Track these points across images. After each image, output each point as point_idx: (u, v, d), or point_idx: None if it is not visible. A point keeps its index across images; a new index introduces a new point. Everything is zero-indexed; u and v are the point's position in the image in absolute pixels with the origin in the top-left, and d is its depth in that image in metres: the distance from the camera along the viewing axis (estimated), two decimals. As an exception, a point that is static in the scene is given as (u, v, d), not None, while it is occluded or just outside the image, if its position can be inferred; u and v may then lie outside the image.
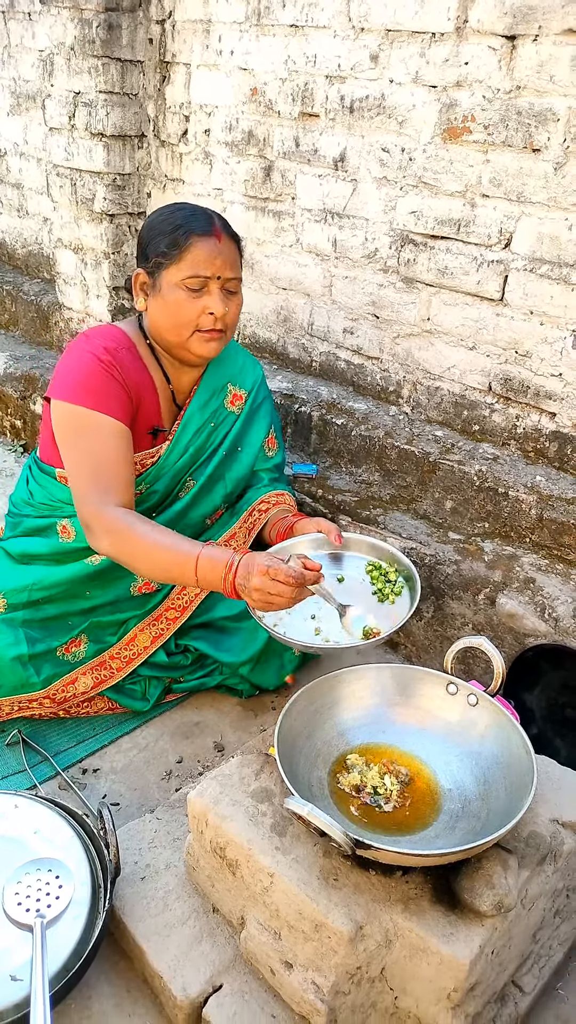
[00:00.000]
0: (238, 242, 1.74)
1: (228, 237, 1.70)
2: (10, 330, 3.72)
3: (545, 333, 2.02)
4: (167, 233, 1.65)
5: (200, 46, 2.62)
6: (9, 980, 1.16)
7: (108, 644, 1.86)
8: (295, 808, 1.10)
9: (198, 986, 1.22)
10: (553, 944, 1.35)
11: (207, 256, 1.64)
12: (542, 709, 1.81)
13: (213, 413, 1.91)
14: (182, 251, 1.64)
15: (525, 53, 1.86)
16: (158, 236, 1.67)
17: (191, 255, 1.64)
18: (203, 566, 1.47)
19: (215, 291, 1.67)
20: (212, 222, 1.68)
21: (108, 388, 1.66)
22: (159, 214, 1.72)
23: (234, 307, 1.72)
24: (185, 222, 1.65)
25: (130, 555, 1.56)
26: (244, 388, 1.97)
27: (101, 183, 2.86)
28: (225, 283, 1.68)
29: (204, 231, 1.65)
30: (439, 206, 2.13)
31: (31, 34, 3.29)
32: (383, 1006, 1.18)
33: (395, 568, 1.72)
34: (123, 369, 1.70)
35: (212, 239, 1.65)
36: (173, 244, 1.64)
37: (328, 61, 2.27)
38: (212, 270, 1.65)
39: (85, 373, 1.66)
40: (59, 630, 1.81)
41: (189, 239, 1.64)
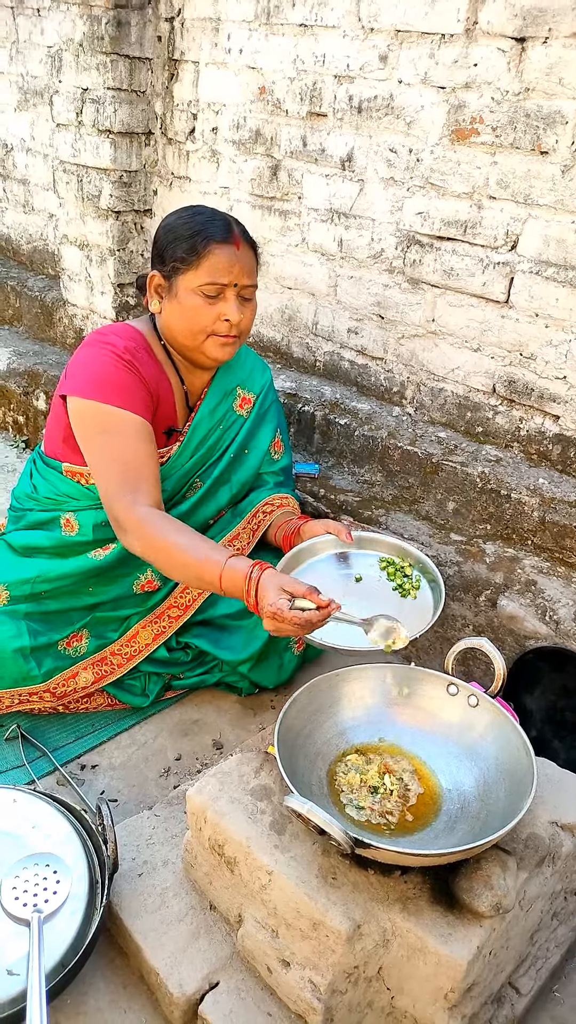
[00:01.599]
0: (255, 248, 1.74)
1: (246, 244, 1.70)
2: (14, 326, 3.71)
3: (550, 336, 2.01)
4: (186, 238, 1.64)
5: (209, 44, 2.62)
6: (5, 975, 1.16)
7: (109, 640, 1.86)
8: (295, 806, 1.10)
9: (194, 983, 1.22)
10: (550, 946, 1.35)
11: (226, 264, 1.64)
12: (542, 711, 1.81)
13: (223, 416, 1.91)
14: (200, 257, 1.63)
15: (535, 55, 1.86)
16: (176, 240, 1.66)
17: (209, 262, 1.63)
18: (227, 578, 1.44)
19: (231, 298, 1.67)
20: (231, 229, 1.67)
21: (131, 385, 1.66)
22: (177, 217, 1.70)
23: (249, 313, 1.72)
24: (204, 228, 1.64)
25: (159, 559, 1.55)
26: (253, 392, 1.97)
27: (107, 180, 2.86)
28: (242, 290, 1.68)
29: (223, 238, 1.64)
30: (446, 207, 2.13)
31: (40, 30, 3.29)
32: (380, 1006, 1.18)
33: (408, 562, 1.72)
34: (144, 366, 1.70)
35: (231, 246, 1.65)
36: (192, 250, 1.63)
37: (337, 61, 2.27)
38: (230, 278, 1.65)
39: (108, 370, 1.65)
40: (61, 624, 1.81)
41: (208, 246, 1.63)
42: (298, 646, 1.96)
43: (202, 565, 1.46)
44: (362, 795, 1.27)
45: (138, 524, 1.54)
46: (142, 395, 1.67)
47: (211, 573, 1.45)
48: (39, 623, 1.78)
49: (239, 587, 1.42)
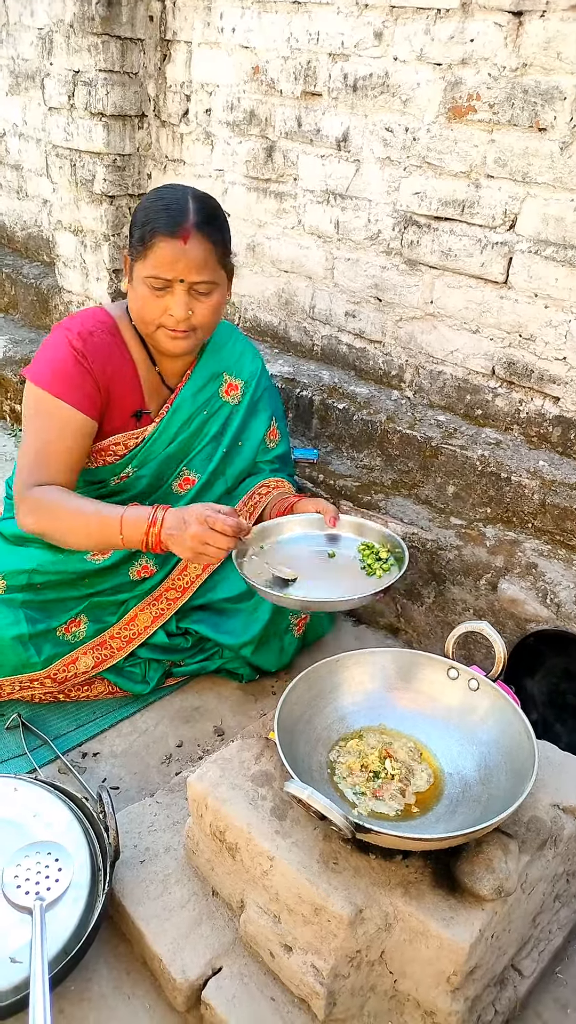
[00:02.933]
0: (216, 241, 1.62)
1: (201, 237, 1.59)
2: (9, 313, 3.69)
3: (549, 316, 1.99)
4: (139, 225, 1.61)
5: (201, 24, 2.58)
6: (8, 962, 1.16)
7: (108, 624, 1.86)
8: (295, 792, 1.09)
9: (197, 969, 1.22)
10: (553, 928, 1.35)
11: (169, 258, 1.58)
12: (543, 695, 1.81)
13: (206, 401, 1.88)
14: (147, 248, 1.59)
15: (532, 30, 1.83)
16: (133, 226, 1.64)
17: (154, 254, 1.58)
18: (128, 524, 1.53)
19: (178, 293, 1.61)
20: (183, 221, 1.57)
21: (75, 376, 1.66)
22: (147, 199, 1.66)
23: (204, 309, 1.65)
24: (155, 217, 1.58)
25: (55, 528, 1.60)
26: (241, 378, 1.93)
27: (101, 164, 2.83)
28: (193, 285, 1.61)
29: (170, 231, 1.57)
30: (443, 187, 2.10)
31: (30, 12, 3.24)
32: (382, 989, 1.18)
33: (388, 548, 1.71)
34: (97, 354, 1.69)
35: (176, 241, 1.57)
36: (140, 239, 1.60)
37: (331, 38, 2.23)
38: (173, 273, 1.59)
39: (57, 359, 1.67)
40: (58, 611, 1.81)
41: (154, 238, 1.57)
42: (298, 628, 1.96)
43: (99, 519, 1.54)
44: (363, 780, 1.27)
45: (30, 499, 1.59)
46: (85, 388, 1.67)
47: (110, 523, 1.54)
48: (36, 611, 1.78)
49: (140, 527, 1.52)
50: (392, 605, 2.18)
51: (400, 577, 1.61)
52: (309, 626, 2.00)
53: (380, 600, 1.56)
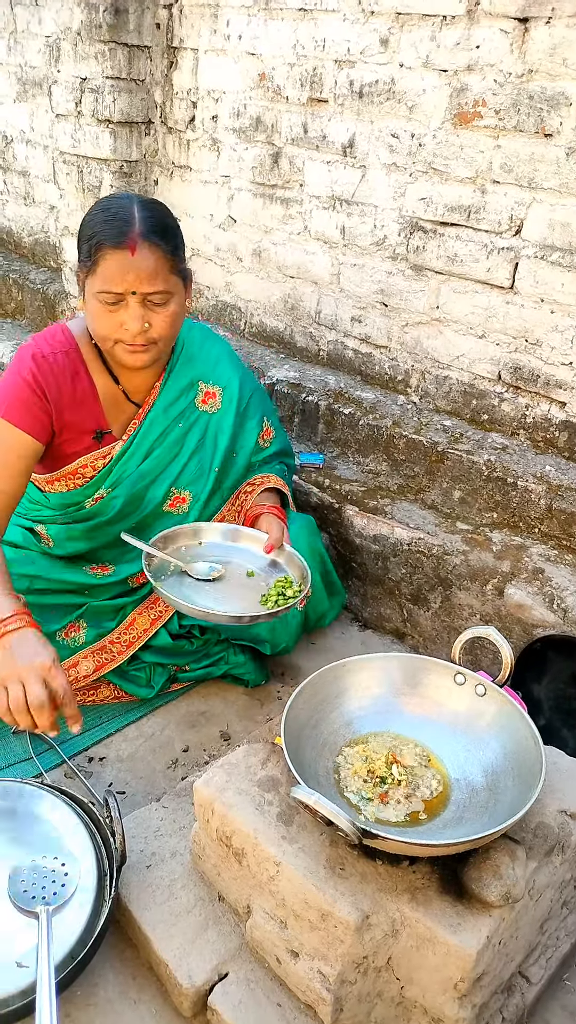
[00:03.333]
0: (169, 248, 1.57)
1: (150, 246, 1.53)
2: (16, 319, 3.71)
3: (556, 321, 1.99)
4: (85, 239, 1.56)
5: (208, 31, 2.59)
6: (15, 967, 1.16)
7: (107, 629, 1.86)
8: (302, 797, 1.09)
9: (204, 974, 1.22)
10: (560, 935, 1.35)
11: (118, 271, 1.52)
12: (550, 700, 1.81)
13: (180, 413, 1.83)
14: (95, 263, 1.54)
15: (538, 36, 1.84)
16: (79, 240, 1.59)
17: (102, 268, 1.53)
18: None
19: (132, 305, 1.55)
20: (128, 231, 1.52)
21: (26, 400, 1.64)
22: (91, 210, 1.60)
23: (161, 320, 1.59)
24: (100, 230, 1.53)
25: None
26: (218, 384, 1.87)
27: (108, 170, 2.84)
28: (145, 297, 1.56)
29: (115, 243, 1.51)
30: (449, 192, 2.11)
31: (37, 19, 3.26)
32: (389, 996, 1.18)
33: (299, 589, 1.72)
34: (51, 377, 1.66)
35: (124, 252, 1.51)
36: (88, 253, 1.55)
37: (337, 45, 2.24)
38: (123, 286, 1.53)
39: (10, 380, 1.65)
40: (57, 615, 1.81)
41: (101, 251, 1.52)
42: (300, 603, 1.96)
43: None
44: (369, 785, 1.27)
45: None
46: (34, 411, 1.64)
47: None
48: (36, 615, 1.77)
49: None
50: (398, 610, 2.18)
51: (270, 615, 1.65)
52: (310, 602, 1.99)
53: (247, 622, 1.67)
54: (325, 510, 2.26)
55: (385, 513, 2.17)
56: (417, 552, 2.06)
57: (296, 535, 1.96)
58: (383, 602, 2.22)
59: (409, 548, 2.08)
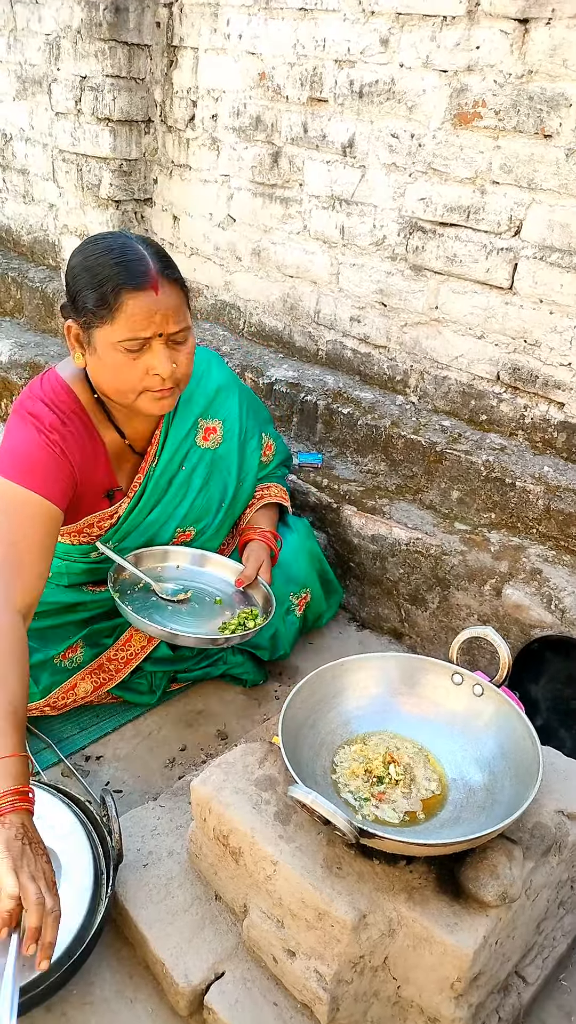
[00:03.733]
0: (182, 285, 1.50)
1: (169, 283, 1.45)
2: (15, 317, 3.70)
3: (555, 322, 2.00)
4: (94, 287, 1.42)
5: (208, 30, 2.59)
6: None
7: (105, 647, 1.84)
8: (299, 796, 1.09)
9: (200, 973, 1.21)
10: (557, 935, 1.35)
11: (144, 315, 1.41)
12: (548, 700, 1.81)
13: (183, 458, 1.78)
14: (114, 311, 1.41)
15: (538, 37, 1.84)
16: (85, 289, 1.43)
17: (125, 315, 1.41)
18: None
19: (159, 349, 1.46)
20: (148, 270, 1.42)
21: (50, 466, 1.52)
22: (85, 257, 1.46)
23: (183, 358, 1.51)
24: (115, 274, 1.40)
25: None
26: (218, 417, 1.81)
27: (107, 169, 2.84)
28: (170, 337, 1.47)
29: (138, 284, 1.40)
30: (448, 193, 2.11)
31: (37, 17, 3.26)
32: (386, 995, 1.18)
33: (258, 622, 1.76)
34: (70, 443, 1.56)
35: (148, 293, 1.41)
36: (102, 302, 1.41)
37: (337, 45, 2.24)
38: (152, 329, 1.43)
39: (27, 449, 1.51)
40: (56, 639, 1.79)
41: (120, 296, 1.40)
42: (299, 608, 1.96)
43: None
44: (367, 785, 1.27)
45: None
46: (61, 477, 1.53)
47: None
48: (35, 640, 1.74)
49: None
50: (396, 610, 2.18)
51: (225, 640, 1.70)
52: (309, 606, 2.01)
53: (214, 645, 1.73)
54: (323, 510, 2.26)
55: (383, 513, 2.17)
56: (415, 552, 2.07)
57: (296, 545, 1.97)
58: (381, 602, 2.22)
59: (407, 548, 2.08)
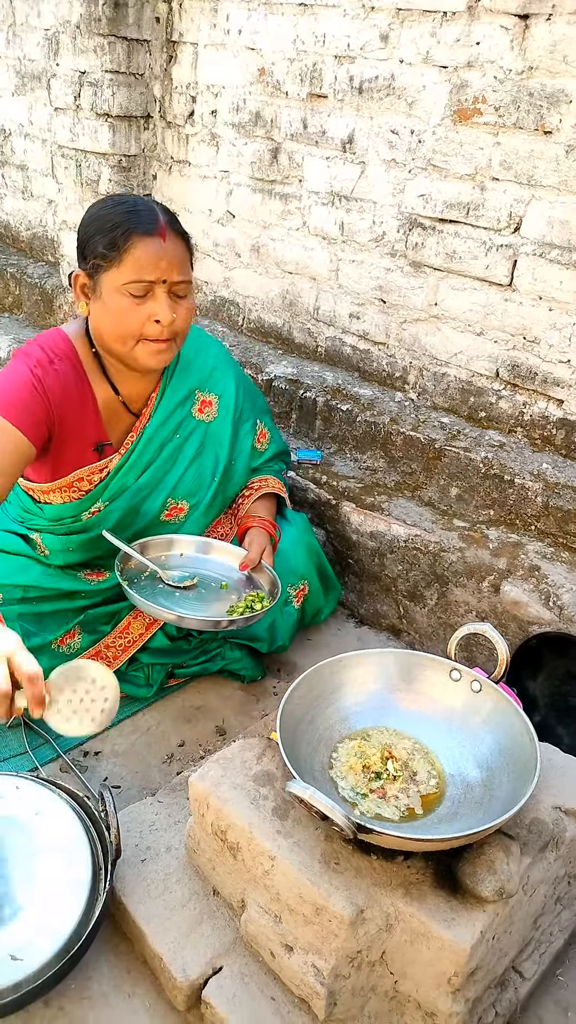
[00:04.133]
0: (187, 240, 1.59)
1: (175, 235, 1.55)
2: (14, 313, 3.70)
3: (554, 319, 1.99)
4: (106, 232, 1.50)
5: (207, 25, 2.58)
6: (9, 960, 1.16)
7: (102, 634, 1.85)
8: (297, 791, 1.09)
9: (198, 968, 1.22)
10: (554, 931, 1.35)
11: (151, 258, 1.50)
12: (545, 697, 1.81)
13: (178, 425, 1.80)
14: (122, 253, 1.49)
15: (538, 33, 1.83)
16: (96, 235, 1.52)
17: (132, 257, 1.49)
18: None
19: (161, 296, 1.53)
20: (157, 219, 1.52)
21: (26, 401, 1.57)
22: (99, 208, 1.57)
23: (183, 312, 1.57)
24: (126, 219, 1.50)
25: None
26: (214, 392, 1.85)
27: (106, 164, 2.83)
28: (172, 287, 1.54)
29: (147, 230, 1.50)
30: (448, 189, 2.11)
31: (36, 12, 3.25)
32: (383, 990, 1.18)
33: (264, 606, 1.75)
34: (56, 385, 1.61)
35: (156, 239, 1.50)
36: (112, 245, 1.49)
37: (337, 41, 2.24)
38: (157, 273, 1.51)
39: (11, 380, 1.59)
40: (54, 624, 1.80)
41: (130, 239, 1.49)
42: (297, 600, 1.96)
43: None
44: (364, 781, 1.27)
45: None
46: (36, 412, 1.58)
47: None
48: (32, 624, 1.76)
49: None
50: (395, 606, 2.19)
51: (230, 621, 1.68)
52: (307, 599, 2.01)
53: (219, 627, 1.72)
54: (322, 506, 2.26)
55: (382, 510, 2.17)
56: (414, 549, 2.07)
57: (295, 537, 1.97)
58: (379, 598, 2.22)
59: (406, 545, 2.08)
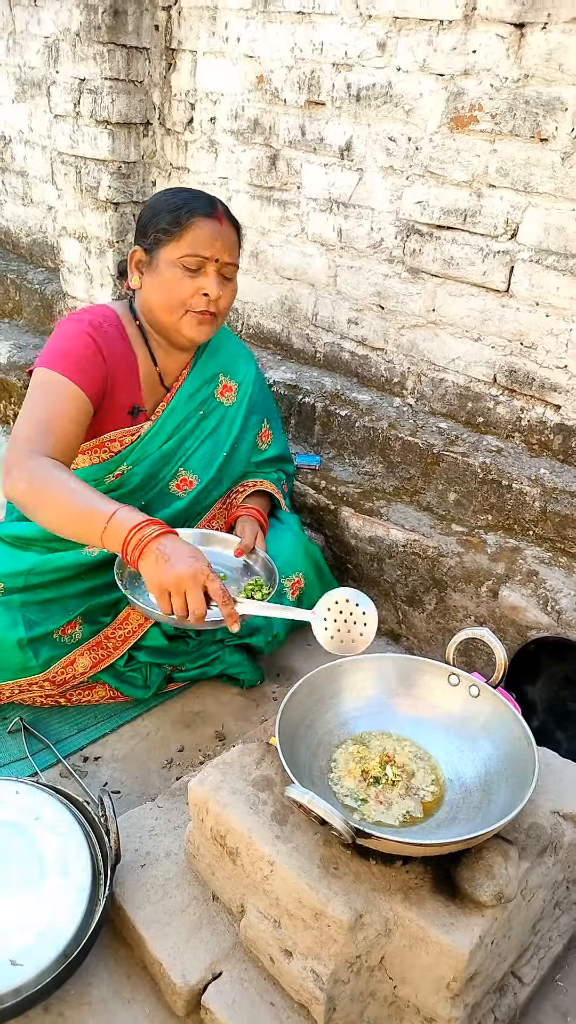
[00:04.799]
0: (238, 229, 1.76)
1: (229, 223, 1.73)
2: (14, 319, 3.71)
3: (551, 325, 2.00)
4: (170, 211, 1.68)
5: (206, 33, 2.60)
6: (9, 965, 1.16)
7: (103, 625, 1.86)
8: (296, 796, 1.10)
9: (198, 973, 1.22)
10: (553, 935, 1.35)
11: (208, 236, 1.67)
12: (544, 702, 1.81)
13: (202, 402, 1.92)
14: (183, 229, 1.67)
15: (534, 41, 1.85)
16: (160, 213, 1.70)
17: (191, 234, 1.67)
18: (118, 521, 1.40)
19: (211, 273, 1.70)
20: (215, 205, 1.71)
21: (85, 355, 1.67)
22: (162, 194, 1.75)
23: (228, 293, 1.74)
24: (188, 202, 1.69)
25: (40, 499, 1.48)
26: (235, 379, 1.98)
27: (106, 171, 2.85)
28: (222, 267, 1.71)
29: (207, 212, 1.69)
30: (445, 196, 2.12)
31: (36, 20, 3.27)
32: (382, 995, 1.18)
33: (268, 592, 1.75)
34: (107, 343, 1.72)
35: (214, 220, 1.69)
36: (175, 221, 1.67)
37: (335, 49, 2.25)
38: (211, 251, 1.68)
39: (66, 341, 1.68)
40: (57, 613, 1.81)
41: (192, 217, 1.67)
42: (292, 592, 1.97)
43: (89, 504, 1.44)
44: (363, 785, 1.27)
45: (31, 467, 1.49)
46: (94, 371, 1.67)
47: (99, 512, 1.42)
48: (35, 612, 1.78)
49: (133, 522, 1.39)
50: (393, 611, 2.19)
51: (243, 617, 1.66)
52: (303, 592, 2.00)
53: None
54: (321, 511, 2.27)
55: (381, 515, 2.17)
56: (412, 554, 2.07)
57: (287, 533, 1.98)
58: (378, 603, 2.22)
59: (404, 550, 2.09)
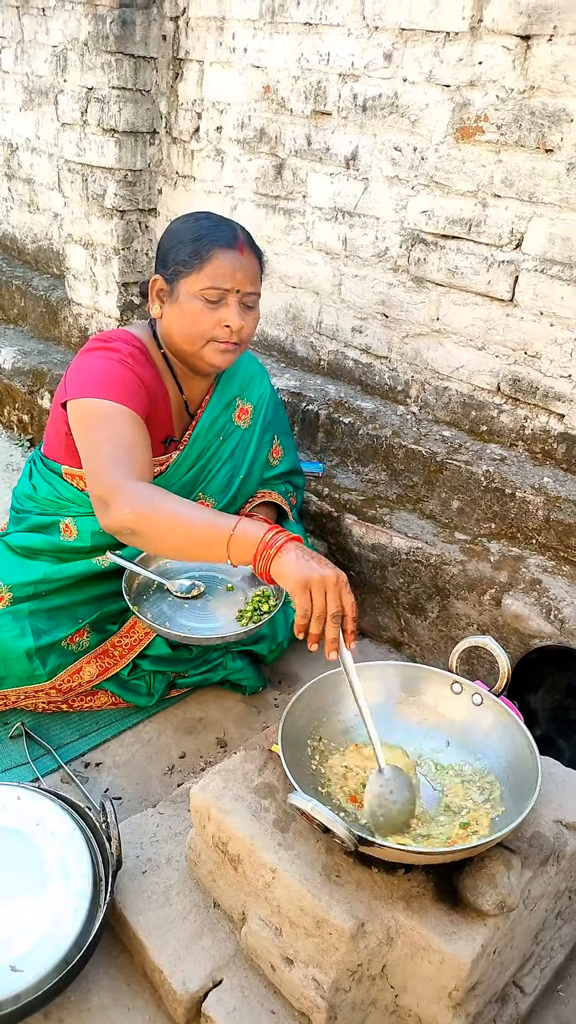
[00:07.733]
0: (260, 257, 1.74)
1: (251, 252, 1.71)
2: (19, 325, 3.72)
3: (555, 334, 2.01)
4: (190, 242, 1.65)
5: (214, 43, 2.62)
6: (9, 971, 1.16)
7: (110, 633, 1.87)
8: (299, 804, 1.10)
9: (198, 981, 1.21)
10: (555, 945, 1.35)
11: (228, 269, 1.64)
12: (546, 711, 1.81)
13: (222, 428, 1.93)
14: (203, 261, 1.64)
15: (540, 53, 1.86)
16: (180, 244, 1.67)
17: (212, 266, 1.64)
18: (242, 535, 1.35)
19: (233, 304, 1.67)
20: (236, 235, 1.68)
21: (131, 382, 1.65)
22: (183, 221, 1.72)
23: (251, 321, 1.72)
24: (209, 232, 1.66)
25: (153, 523, 1.42)
26: (250, 401, 1.98)
27: (112, 179, 2.86)
28: (244, 297, 1.68)
29: (227, 243, 1.65)
30: (450, 206, 2.13)
31: (44, 29, 3.29)
32: (384, 1004, 1.18)
33: (275, 604, 1.75)
34: (142, 373, 1.70)
35: (235, 252, 1.66)
36: (195, 253, 1.64)
37: (341, 59, 2.26)
38: (232, 283, 1.65)
39: (108, 370, 1.65)
40: (65, 621, 1.81)
41: (212, 250, 1.64)
42: None
43: (208, 522, 1.39)
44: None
45: (130, 493, 1.44)
46: (141, 394, 1.66)
47: (220, 528, 1.36)
48: (44, 620, 1.78)
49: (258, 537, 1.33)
50: (396, 619, 2.19)
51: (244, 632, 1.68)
52: None
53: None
54: (324, 519, 2.27)
55: (384, 522, 2.18)
56: (415, 561, 2.07)
57: None
58: (381, 611, 2.22)
59: (407, 557, 2.09)
